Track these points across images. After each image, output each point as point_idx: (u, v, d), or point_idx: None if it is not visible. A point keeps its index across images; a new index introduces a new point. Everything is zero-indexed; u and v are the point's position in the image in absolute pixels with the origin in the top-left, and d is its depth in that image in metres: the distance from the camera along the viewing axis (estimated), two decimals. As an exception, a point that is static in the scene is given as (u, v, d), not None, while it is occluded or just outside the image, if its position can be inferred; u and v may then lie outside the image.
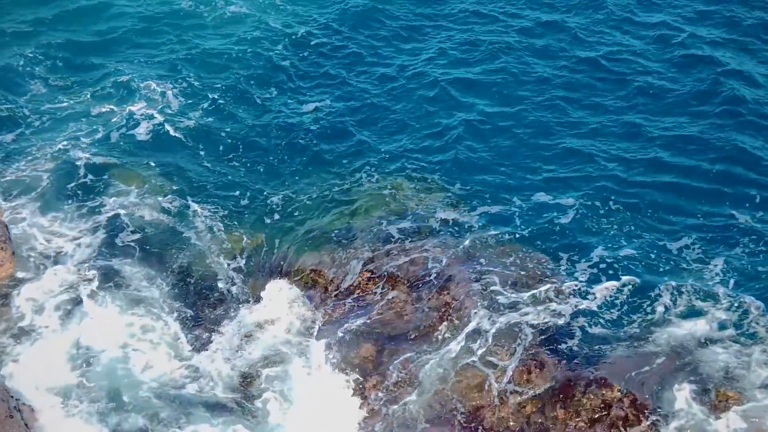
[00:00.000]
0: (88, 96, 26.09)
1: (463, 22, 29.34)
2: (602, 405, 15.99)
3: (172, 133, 24.57)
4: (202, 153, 24.04)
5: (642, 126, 23.97)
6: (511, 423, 16.26)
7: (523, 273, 19.08)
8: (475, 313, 18.06)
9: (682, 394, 16.03)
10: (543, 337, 17.47)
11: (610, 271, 19.11)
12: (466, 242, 20.08)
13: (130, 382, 17.73)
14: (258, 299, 19.75)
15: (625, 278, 18.84)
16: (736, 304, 17.94)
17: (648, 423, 15.61)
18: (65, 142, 24.04)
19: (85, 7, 30.40)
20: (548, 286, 18.67)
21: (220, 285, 20.17)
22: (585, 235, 20.31)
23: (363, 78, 26.87)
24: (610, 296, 18.48)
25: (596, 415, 15.90)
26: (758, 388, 15.99)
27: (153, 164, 23.47)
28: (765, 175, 21.88)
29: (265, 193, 22.68)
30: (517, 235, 20.38)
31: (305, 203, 22.18)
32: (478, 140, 23.81)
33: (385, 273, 19.44)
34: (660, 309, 18.03)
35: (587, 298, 18.41)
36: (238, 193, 22.74)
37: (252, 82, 26.93)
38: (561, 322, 17.80)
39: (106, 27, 29.47)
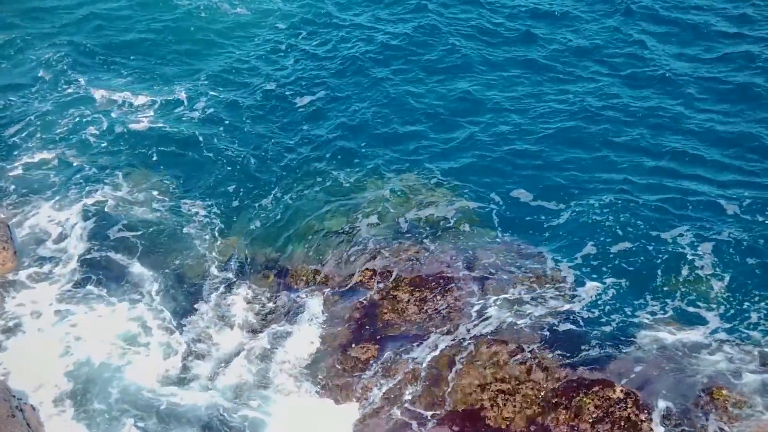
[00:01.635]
0: (93, 96, 26.26)
1: (469, 26, 29.51)
2: (604, 405, 15.98)
3: (173, 132, 24.69)
4: (202, 153, 24.07)
5: (632, 121, 24.14)
6: (514, 423, 16.26)
7: (524, 273, 19.05)
8: (477, 313, 18.06)
9: (682, 395, 15.99)
10: (544, 337, 17.42)
11: (607, 271, 19.09)
12: (469, 242, 20.08)
13: (119, 387, 17.65)
14: (254, 301, 19.68)
15: (624, 278, 18.83)
16: (731, 304, 17.92)
17: (650, 423, 15.57)
18: (69, 140, 24.26)
19: (94, 13, 30.85)
20: (549, 285, 18.65)
21: (215, 288, 20.07)
22: (583, 234, 20.23)
23: (362, 78, 26.92)
24: (609, 296, 18.43)
25: (598, 415, 15.89)
26: (757, 389, 16.02)
27: (154, 163, 23.58)
28: (751, 164, 22.02)
29: (264, 192, 22.68)
30: (521, 236, 20.36)
31: (306, 203, 22.16)
32: (481, 141, 23.81)
33: (387, 272, 19.39)
34: (656, 309, 18.00)
35: (587, 298, 18.35)
36: (232, 189, 22.79)
37: (254, 83, 27.05)
38: (562, 322, 17.74)
39: (113, 32, 29.89)
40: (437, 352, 17.48)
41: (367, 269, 19.63)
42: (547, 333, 17.51)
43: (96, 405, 17.22)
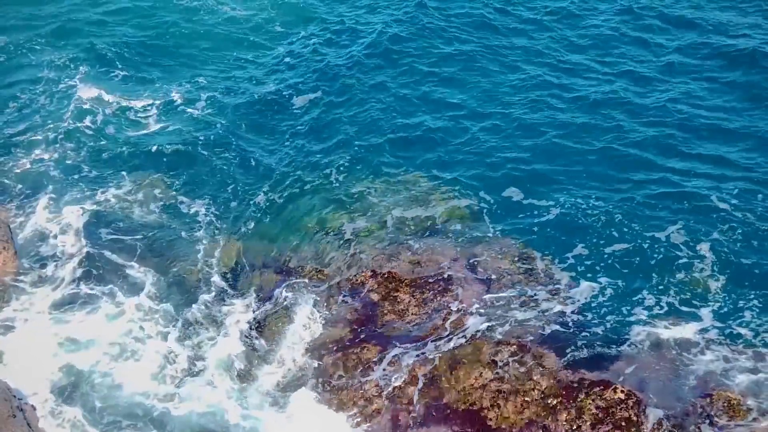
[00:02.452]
0: (93, 96, 26.27)
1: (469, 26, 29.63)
2: (605, 406, 16.02)
3: (172, 132, 24.77)
4: (201, 153, 24.09)
5: (629, 119, 24.25)
6: (514, 423, 16.29)
7: (521, 273, 19.16)
8: (477, 314, 18.12)
9: (682, 396, 16.07)
10: (543, 337, 17.49)
11: (602, 270, 19.15)
12: (468, 242, 20.14)
13: (114, 391, 17.58)
14: (252, 303, 19.64)
15: (619, 277, 18.92)
16: (726, 303, 18.02)
17: (649, 424, 15.63)
18: (69, 140, 24.30)
19: (95, 13, 31.02)
20: (546, 285, 18.74)
21: (213, 290, 19.95)
22: (579, 233, 20.30)
23: (360, 78, 26.97)
24: (606, 296, 18.50)
25: (599, 416, 15.92)
26: (754, 390, 16.07)
27: (153, 163, 23.62)
28: (748, 162, 22.12)
29: (263, 192, 22.69)
30: (519, 235, 20.42)
31: (305, 203, 22.19)
32: (479, 140, 23.91)
33: (385, 272, 19.44)
34: (653, 308, 18.07)
35: (584, 298, 18.42)
36: (231, 189, 22.84)
37: (253, 83, 27.18)
38: (559, 322, 17.83)
39: (113, 32, 30.03)
40: (437, 353, 17.52)
41: (365, 270, 19.65)
42: (546, 333, 17.57)
43: (90, 408, 17.15)
